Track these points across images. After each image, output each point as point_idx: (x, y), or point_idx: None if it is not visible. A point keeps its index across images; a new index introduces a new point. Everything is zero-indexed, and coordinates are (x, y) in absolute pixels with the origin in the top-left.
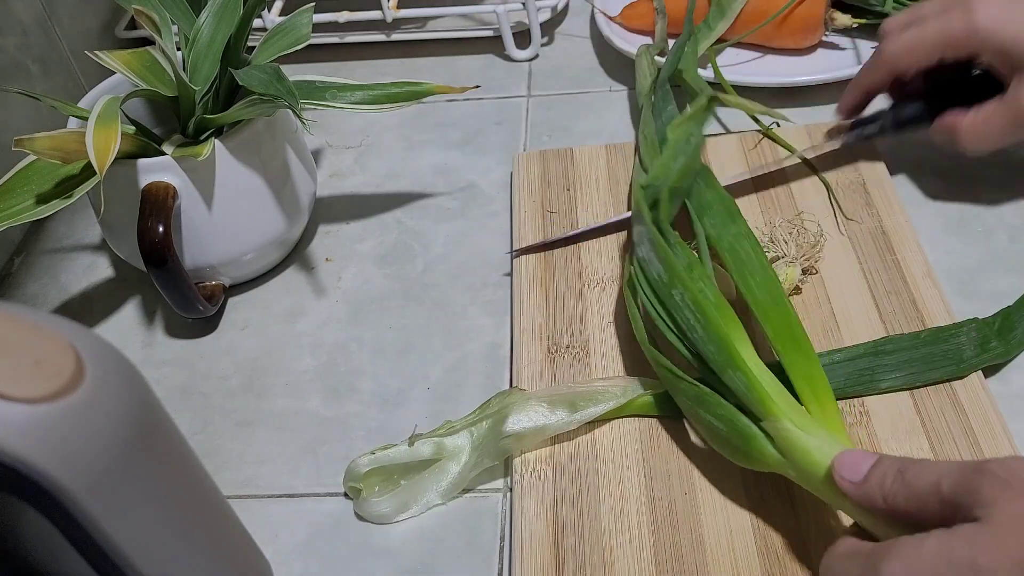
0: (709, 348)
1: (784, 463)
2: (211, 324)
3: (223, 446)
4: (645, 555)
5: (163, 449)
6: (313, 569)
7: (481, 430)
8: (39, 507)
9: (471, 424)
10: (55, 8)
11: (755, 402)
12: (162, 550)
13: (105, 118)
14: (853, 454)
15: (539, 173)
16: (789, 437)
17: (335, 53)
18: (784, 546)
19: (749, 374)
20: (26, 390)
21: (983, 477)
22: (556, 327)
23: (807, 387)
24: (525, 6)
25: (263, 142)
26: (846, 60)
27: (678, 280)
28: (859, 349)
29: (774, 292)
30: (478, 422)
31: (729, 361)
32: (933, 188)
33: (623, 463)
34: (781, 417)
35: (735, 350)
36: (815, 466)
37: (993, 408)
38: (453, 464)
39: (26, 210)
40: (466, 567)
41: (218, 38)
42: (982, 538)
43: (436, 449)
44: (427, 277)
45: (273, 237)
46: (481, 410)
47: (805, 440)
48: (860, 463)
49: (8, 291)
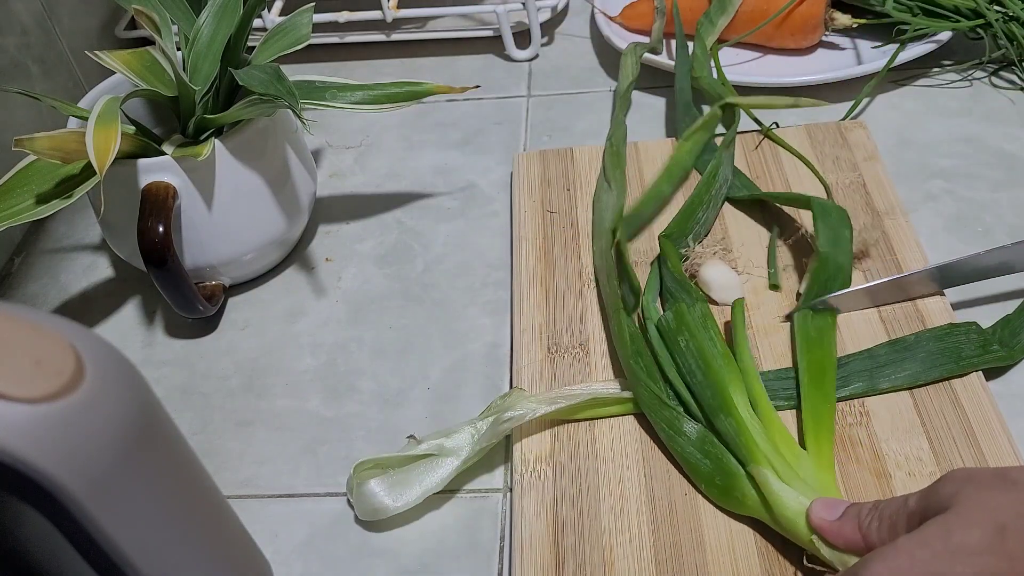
0: (706, 392)
1: (761, 508)
2: (211, 324)
3: (223, 446)
4: (645, 555)
5: (163, 449)
6: (313, 569)
7: (482, 428)
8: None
9: (472, 423)
10: (55, 8)
11: (742, 447)
12: (162, 550)
13: (105, 118)
14: (831, 499)
15: (539, 173)
16: (768, 484)
17: (335, 53)
18: (784, 546)
19: (740, 421)
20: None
21: (945, 482)
22: (556, 327)
23: (813, 425)
24: (525, 6)
25: (263, 142)
26: (846, 60)
27: (685, 328)
28: (859, 352)
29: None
30: (479, 421)
31: (723, 407)
32: (933, 188)
33: (623, 463)
34: (764, 465)
35: (730, 397)
36: (791, 512)
37: (993, 408)
38: (452, 458)
39: (26, 210)
40: (466, 567)
41: (218, 38)
42: (951, 519)
43: (437, 450)
44: (427, 277)
45: (273, 237)
46: (483, 414)
47: (782, 489)
48: (837, 505)
49: (8, 291)
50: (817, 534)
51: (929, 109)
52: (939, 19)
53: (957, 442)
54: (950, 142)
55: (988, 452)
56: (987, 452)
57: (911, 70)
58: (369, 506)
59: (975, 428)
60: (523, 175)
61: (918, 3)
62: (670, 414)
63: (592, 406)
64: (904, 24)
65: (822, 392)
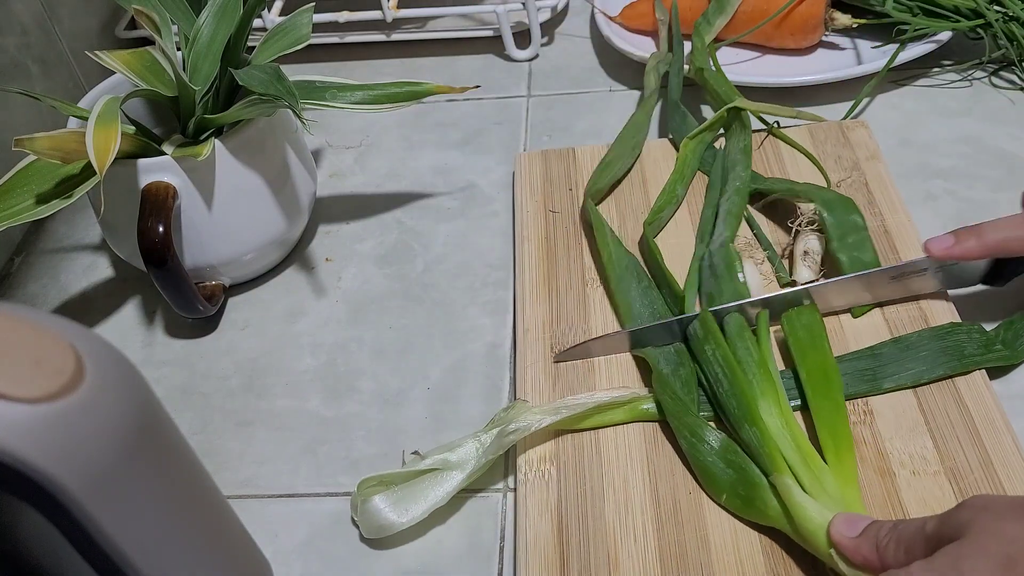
0: (731, 402)
1: (783, 518)
2: (211, 324)
3: (223, 446)
4: (650, 554)
5: (163, 449)
6: (313, 569)
7: (486, 442)
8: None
9: (475, 436)
10: (55, 8)
11: (766, 457)
12: (162, 550)
13: (105, 118)
14: (852, 515)
15: (541, 173)
16: (791, 495)
17: (335, 53)
18: (788, 545)
19: (764, 430)
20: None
21: (962, 509)
22: (559, 326)
23: (829, 437)
24: (525, 6)
25: (263, 142)
26: (846, 60)
27: (711, 337)
28: (862, 351)
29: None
30: (482, 434)
31: (747, 416)
32: (934, 188)
33: (627, 462)
34: (786, 475)
35: (756, 407)
36: (813, 525)
37: (997, 407)
38: (457, 472)
39: (26, 210)
40: (466, 567)
41: (218, 38)
42: (963, 549)
43: (441, 465)
44: (427, 277)
45: (273, 237)
46: (487, 427)
47: (806, 501)
48: (858, 521)
49: (8, 291)
50: (836, 549)
51: (929, 109)
52: (939, 19)
53: (961, 441)
54: (950, 142)
55: (992, 451)
56: (991, 451)
57: (911, 70)
58: (375, 523)
59: (979, 427)
60: (525, 175)
61: (918, 3)
62: (693, 421)
63: (597, 413)
64: (904, 24)
65: (830, 400)
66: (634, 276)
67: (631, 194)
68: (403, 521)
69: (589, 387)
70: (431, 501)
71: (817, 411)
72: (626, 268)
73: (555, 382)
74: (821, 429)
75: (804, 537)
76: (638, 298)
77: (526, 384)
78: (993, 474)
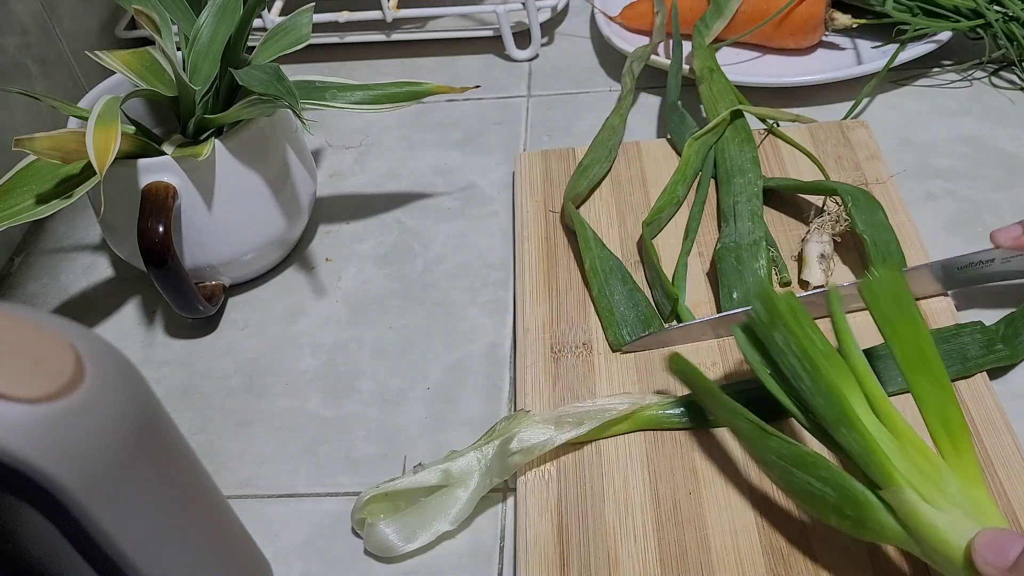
0: (818, 401)
1: (908, 539)
2: (211, 324)
3: (223, 446)
4: (650, 554)
5: (163, 449)
6: (313, 569)
7: (488, 453)
8: (39, 507)
9: (477, 447)
10: (55, 8)
11: (874, 467)
12: (162, 550)
13: (105, 118)
14: (999, 535)
15: (541, 173)
16: (916, 512)
17: (335, 53)
18: (789, 545)
19: (867, 435)
20: (26, 390)
21: None
22: (559, 326)
23: (941, 427)
24: (525, 6)
25: (263, 142)
26: (846, 60)
27: (781, 321)
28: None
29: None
30: (484, 445)
31: (842, 418)
32: (934, 188)
33: (627, 462)
34: (905, 487)
35: (849, 406)
36: (947, 546)
37: (997, 408)
38: (461, 490)
39: (26, 210)
40: (466, 567)
41: (218, 38)
42: None
43: (443, 476)
44: (427, 277)
45: (273, 237)
46: (487, 436)
47: (935, 517)
48: (1008, 546)
49: (8, 291)
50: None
51: (929, 109)
52: (939, 19)
53: None
54: (950, 142)
55: (992, 451)
56: (991, 451)
57: (911, 70)
58: (381, 545)
59: (980, 428)
60: (525, 175)
61: (918, 3)
62: (777, 444)
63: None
64: (904, 24)
65: (933, 382)
66: (619, 279)
67: (631, 194)
68: (411, 547)
69: (589, 387)
70: (436, 528)
71: (921, 397)
72: (611, 271)
73: (555, 382)
74: (930, 419)
75: (938, 562)
76: (623, 301)
77: (526, 384)
78: (993, 474)
